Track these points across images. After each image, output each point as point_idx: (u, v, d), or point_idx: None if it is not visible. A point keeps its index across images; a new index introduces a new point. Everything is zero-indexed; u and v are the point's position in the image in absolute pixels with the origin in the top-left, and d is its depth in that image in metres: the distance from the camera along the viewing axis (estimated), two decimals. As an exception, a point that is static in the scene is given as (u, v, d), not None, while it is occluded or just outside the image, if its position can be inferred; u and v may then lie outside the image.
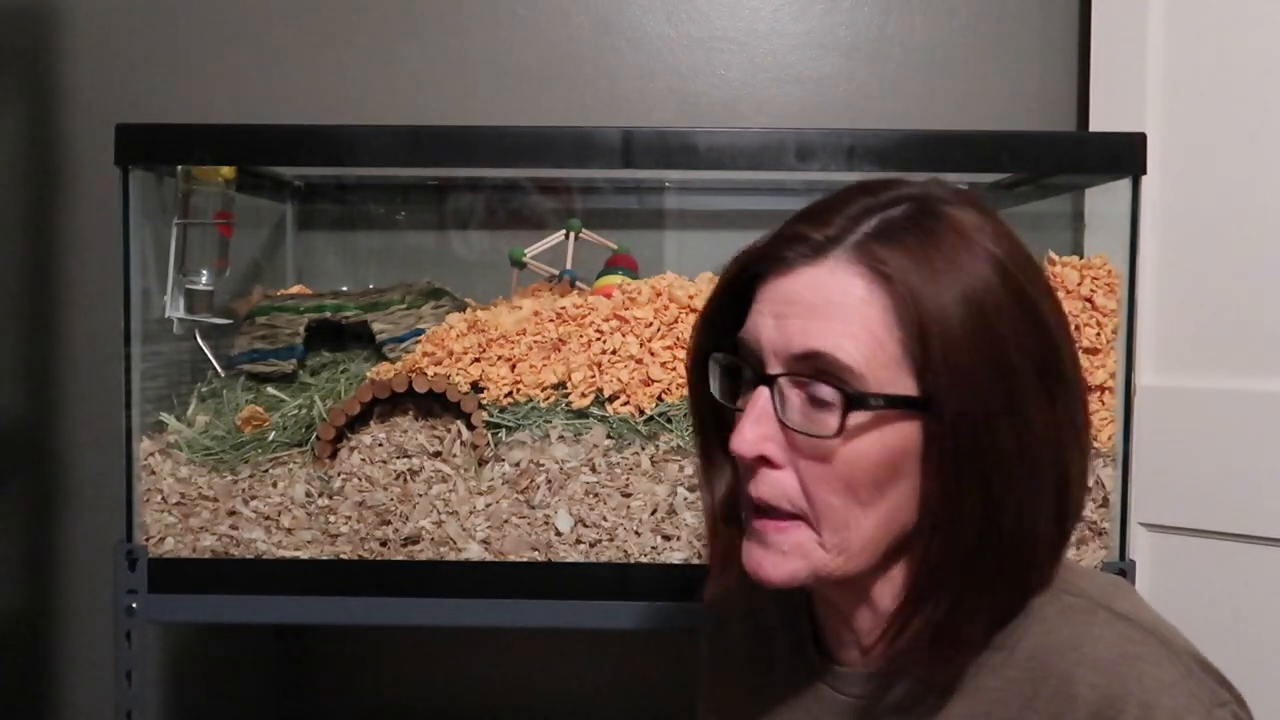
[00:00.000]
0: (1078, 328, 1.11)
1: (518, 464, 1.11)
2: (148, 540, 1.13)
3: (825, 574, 0.66)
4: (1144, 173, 1.09)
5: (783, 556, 0.66)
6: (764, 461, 0.66)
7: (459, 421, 1.13)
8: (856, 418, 0.63)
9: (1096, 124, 1.41)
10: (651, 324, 1.13)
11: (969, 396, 0.62)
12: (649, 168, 1.10)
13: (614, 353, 1.12)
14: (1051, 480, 0.65)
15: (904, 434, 0.64)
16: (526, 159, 1.12)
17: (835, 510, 0.65)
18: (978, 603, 0.65)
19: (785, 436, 0.65)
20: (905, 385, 0.63)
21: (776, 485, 0.66)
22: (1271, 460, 1.26)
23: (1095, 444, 1.10)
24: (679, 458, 1.10)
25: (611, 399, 1.12)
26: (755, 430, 0.65)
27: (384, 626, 1.13)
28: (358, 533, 1.12)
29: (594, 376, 1.12)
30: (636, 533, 1.10)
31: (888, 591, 0.69)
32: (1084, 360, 1.11)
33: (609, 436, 1.11)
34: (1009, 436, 0.63)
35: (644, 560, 1.10)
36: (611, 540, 1.10)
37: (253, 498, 1.14)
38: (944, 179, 0.73)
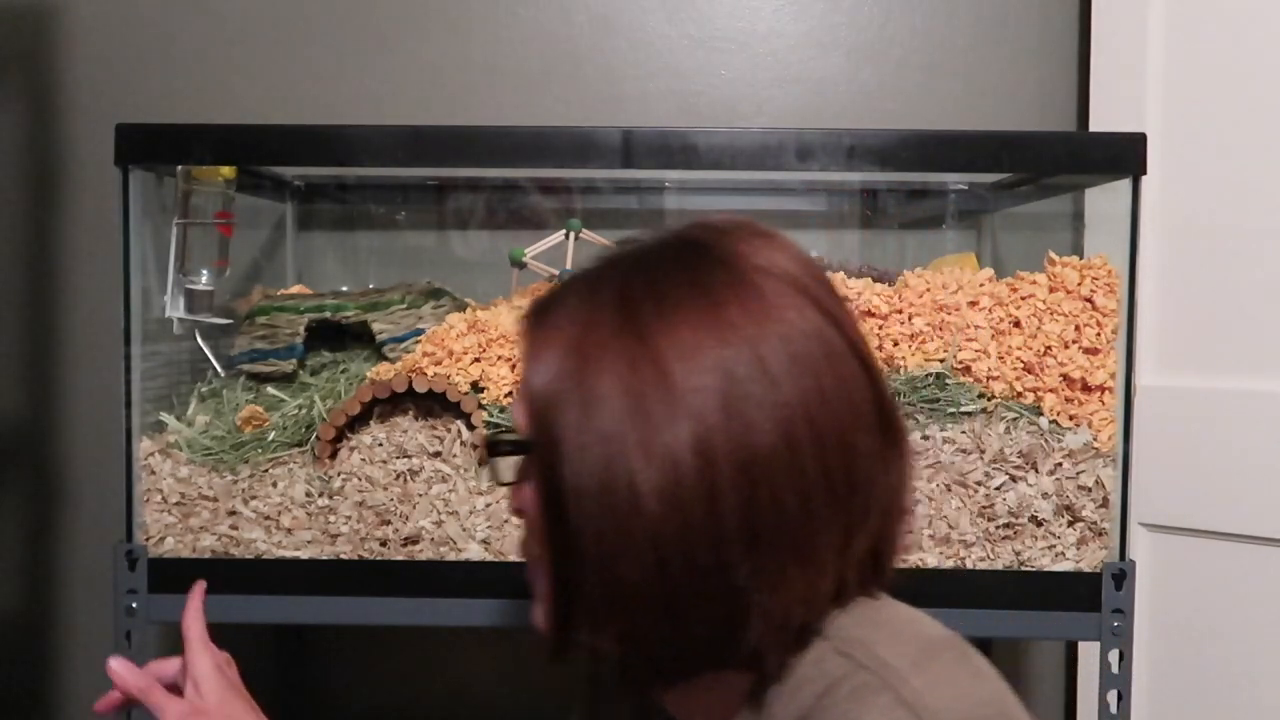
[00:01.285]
0: (1078, 328, 1.11)
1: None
2: (148, 540, 1.13)
3: (543, 624, 0.69)
4: (1144, 173, 1.09)
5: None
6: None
7: (459, 421, 1.13)
8: (518, 470, 0.67)
9: (1096, 124, 1.41)
10: (651, 324, 1.13)
11: (536, 430, 0.62)
12: (649, 168, 1.10)
13: (614, 353, 1.12)
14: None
15: (535, 485, 0.64)
16: (526, 159, 1.12)
17: (529, 570, 0.70)
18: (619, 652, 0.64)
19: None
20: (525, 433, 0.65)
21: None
22: (1271, 460, 1.26)
23: (1095, 444, 1.10)
24: (679, 458, 1.10)
25: (611, 399, 1.11)
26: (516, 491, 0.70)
27: (384, 626, 1.13)
28: (358, 533, 1.12)
29: (594, 376, 1.12)
30: (636, 533, 1.10)
31: None
32: (1084, 360, 1.11)
33: (609, 436, 1.11)
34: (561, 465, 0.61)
35: (644, 560, 1.10)
36: (611, 540, 1.10)
37: (253, 498, 1.14)
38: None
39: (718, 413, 0.59)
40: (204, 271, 1.22)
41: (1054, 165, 1.16)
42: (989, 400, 1.12)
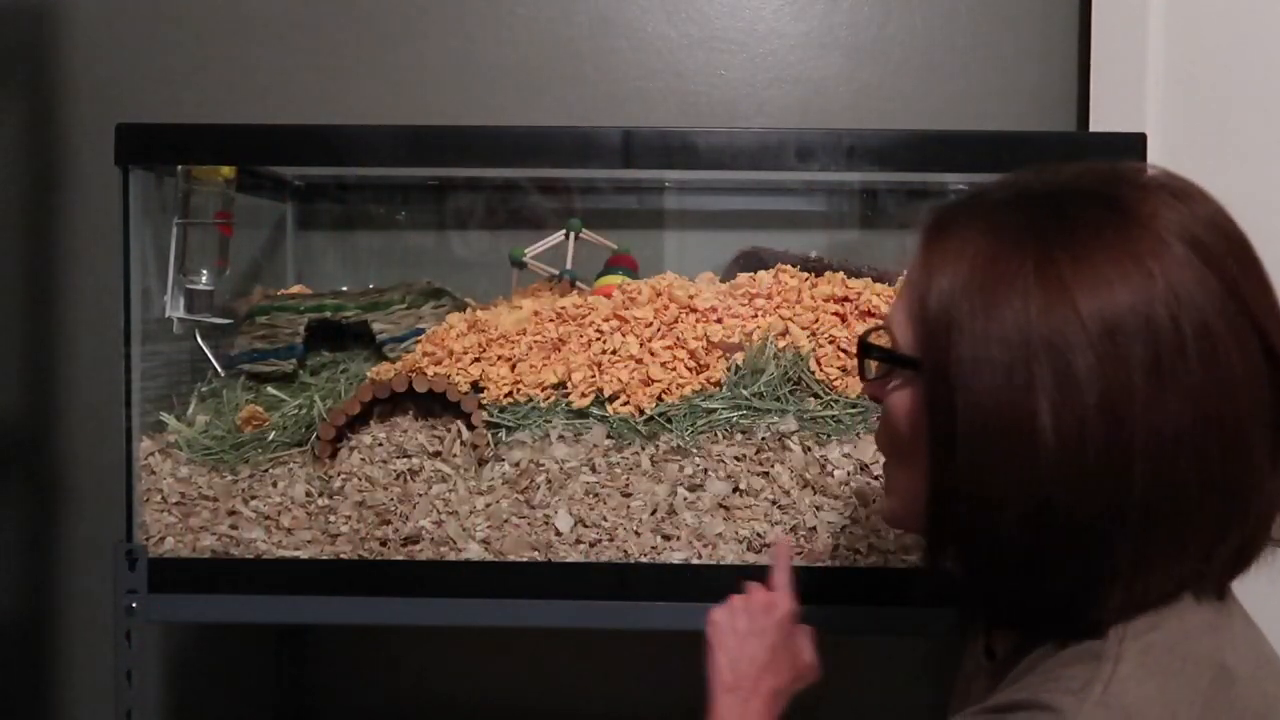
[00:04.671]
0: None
1: (518, 464, 1.11)
2: (148, 540, 1.13)
3: (891, 518, 0.74)
4: (1144, 173, 1.09)
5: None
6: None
7: (459, 421, 1.13)
8: (884, 371, 0.68)
9: (1096, 124, 1.41)
10: (651, 324, 1.13)
11: (946, 360, 0.62)
12: (649, 168, 1.10)
13: (614, 353, 1.12)
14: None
15: (911, 395, 0.66)
16: (526, 159, 1.12)
17: (886, 461, 0.72)
18: (994, 587, 0.64)
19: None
20: (909, 346, 0.66)
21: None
22: (1271, 460, 1.26)
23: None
24: (679, 458, 1.10)
25: (611, 399, 1.12)
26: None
27: (384, 626, 1.13)
28: (358, 533, 1.12)
29: (594, 376, 1.12)
30: (636, 533, 1.10)
31: None
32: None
33: (609, 436, 1.11)
34: (955, 406, 0.61)
35: (644, 560, 1.10)
36: (611, 540, 1.10)
37: (253, 497, 1.14)
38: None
39: (1136, 368, 0.57)
40: (204, 271, 1.23)
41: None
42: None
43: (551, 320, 1.15)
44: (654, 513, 1.10)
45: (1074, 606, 0.61)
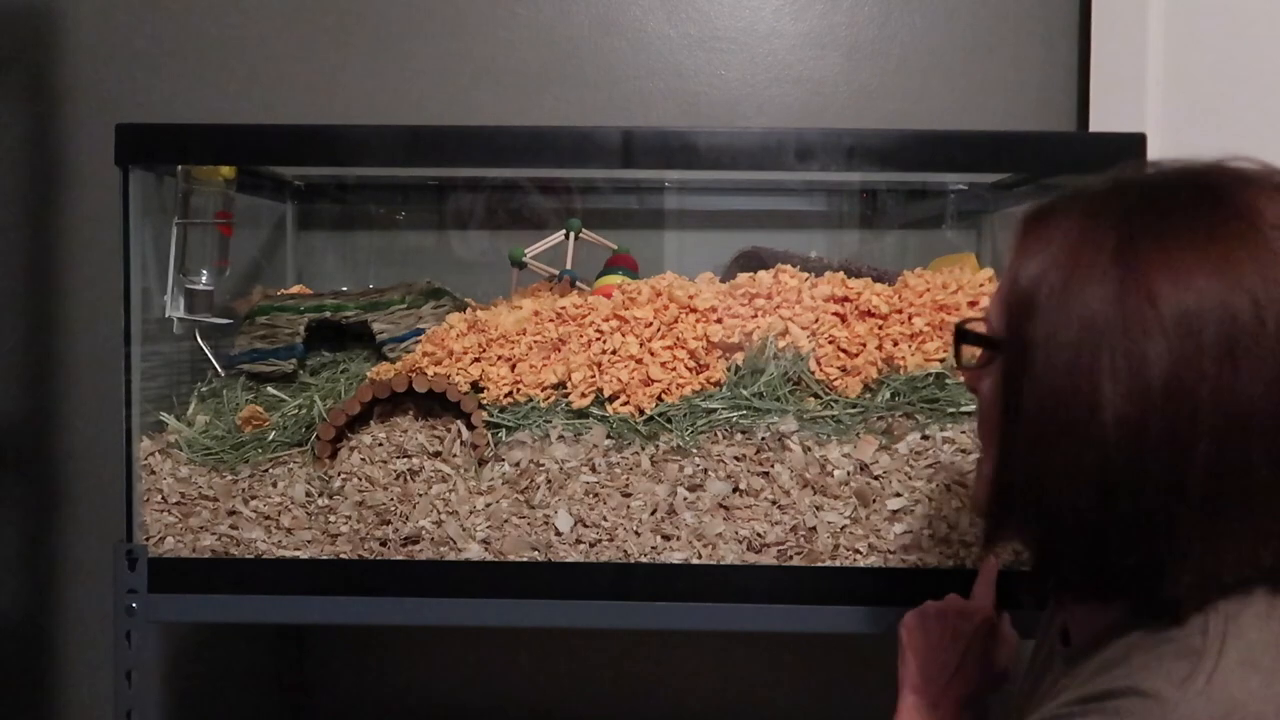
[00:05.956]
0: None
1: (518, 464, 1.11)
2: (148, 540, 1.13)
3: (976, 505, 0.75)
4: (1144, 173, 1.09)
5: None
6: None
7: (459, 421, 1.13)
8: (982, 359, 0.70)
9: (1096, 124, 1.41)
10: (651, 324, 1.13)
11: (1031, 347, 0.63)
12: (649, 168, 1.10)
13: (614, 353, 1.13)
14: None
15: (996, 377, 0.68)
16: (526, 159, 1.12)
17: (985, 444, 0.71)
18: (1061, 571, 0.66)
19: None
20: (999, 331, 0.68)
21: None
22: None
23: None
24: (679, 458, 1.10)
25: (611, 399, 1.12)
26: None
27: (384, 626, 1.13)
28: (358, 533, 1.12)
29: (594, 376, 1.12)
30: (636, 533, 1.10)
31: None
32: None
33: (609, 436, 1.11)
34: (1033, 394, 0.63)
35: (644, 560, 1.10)
36: (611, 540, 1.10)
37: (253, 497, 1.14)
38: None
39: (1207, 353, 0.58)
40: (204, 271, 1.23)
41: (1054, 165, 1.16)
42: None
43: (551, 320, 1.15)
44: (654, 513, 1.10)
45: (1142, 583, 0.62)
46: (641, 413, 1.11)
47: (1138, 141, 1.09)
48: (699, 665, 1.56)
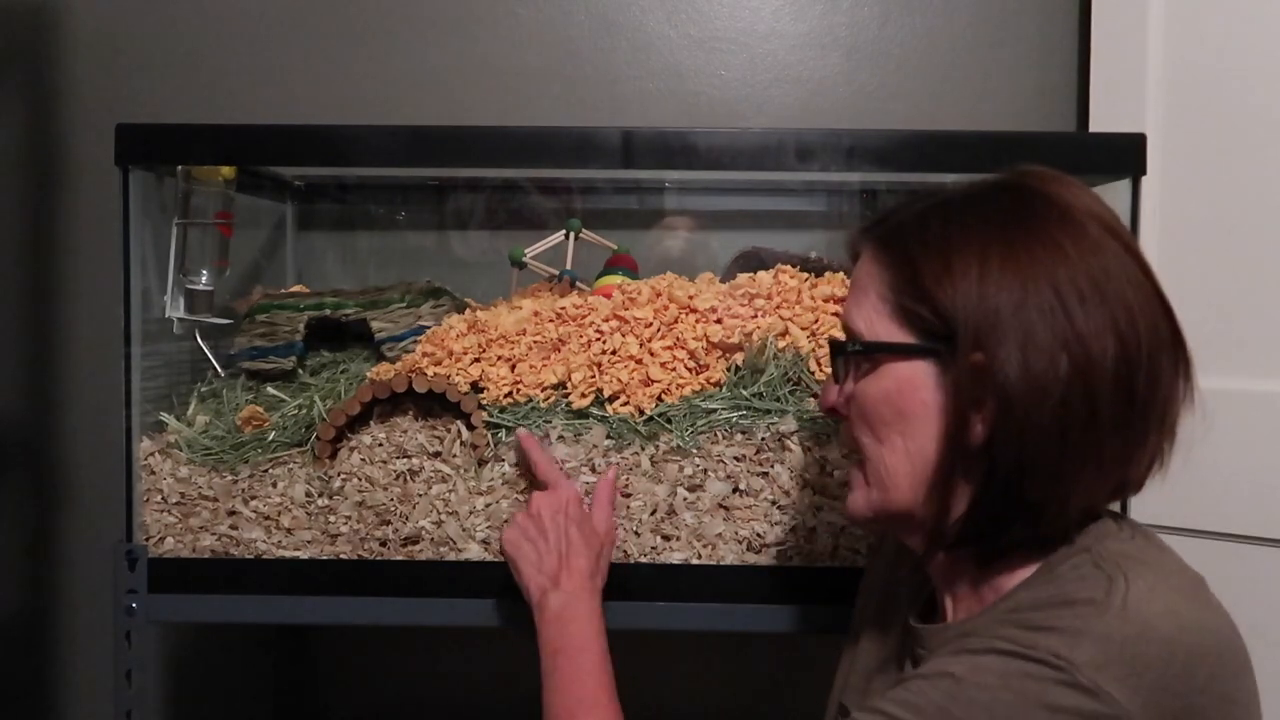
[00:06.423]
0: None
1: (518, 464, 1.12)
2: (148, 540, 1.13)
3: (877, 507, 0.77)
4: (1144, 173, 1.09)
5: (852, 494, 0.80)
6: (835, 414, 0.80)
7: (459, 421, 1.13)
8: (858, 365, 0.77)
9: (1096, 124, 1.41)
10: (651, 324, 1.13)
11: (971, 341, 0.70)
12: (649, 168, 1.10)
13: (614, 353, 1.12)
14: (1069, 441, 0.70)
15: (901, 375, 0.74)
16: (526, 159, 1.12)
17: (865, 447, 0.77)
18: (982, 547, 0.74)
19: (843, 391, 0.79)
20: (897, 335, 0.74)
21: (845, 434, 0.84)
22: (1271, 460, 1.26)
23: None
24: (678, 458, 1.10)
25: (611, 399, 1.12)
26: (826, 390, 0.81)
27: (384, 626, 1.13)
28: (358, 533, 1.12)
29: (594, 377, 1.12)
30: (636, 533, 1.10)
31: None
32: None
33: (609, 437, 1.11)
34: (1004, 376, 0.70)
35: (644, 560, 1.10)
36: (611, 540, 1.10)
37: (253, 498, 1.14)
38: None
39: (1075, 317, 0.69)
40: (204, 271, 1.23)
41: (1054, 165, 1.16)
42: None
43: (551, 320, 1.15)
44: (654, 513, 1.10)
45: (1039, 524, 0.72)
46: (641, 413, 1.11)
47: (1138, 141, 1.09)
48: (699, 665, 1.56)
